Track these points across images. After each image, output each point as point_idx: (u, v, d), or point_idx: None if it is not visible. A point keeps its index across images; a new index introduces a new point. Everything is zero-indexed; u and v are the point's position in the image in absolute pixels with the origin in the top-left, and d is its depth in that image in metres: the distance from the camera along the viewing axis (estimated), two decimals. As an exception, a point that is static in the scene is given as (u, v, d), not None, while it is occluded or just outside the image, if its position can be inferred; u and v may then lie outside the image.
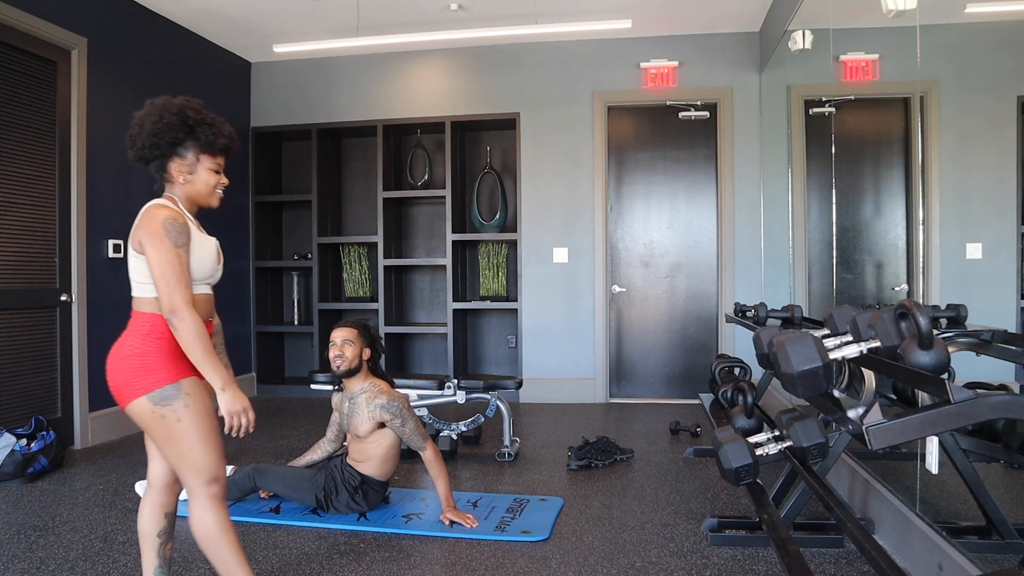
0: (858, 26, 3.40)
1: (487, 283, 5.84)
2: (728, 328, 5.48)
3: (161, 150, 1.95)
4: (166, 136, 1.94)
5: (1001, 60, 2.25)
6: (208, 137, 1.99)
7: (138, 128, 1.95)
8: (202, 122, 1.99)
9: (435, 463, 2.96)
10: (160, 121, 1.93)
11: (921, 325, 1.48)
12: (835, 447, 2.47)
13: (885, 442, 1.43)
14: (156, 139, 1.93)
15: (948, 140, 2.52)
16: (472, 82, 5.83)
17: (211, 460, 1.93)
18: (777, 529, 1.89)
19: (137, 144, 1.95)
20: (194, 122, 1.97)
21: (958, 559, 2.02)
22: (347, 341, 3.03)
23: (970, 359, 2.17)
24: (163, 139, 1.94)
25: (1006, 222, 2.20)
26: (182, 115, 1.95)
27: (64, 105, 4.21)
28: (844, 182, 3.54)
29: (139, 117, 1.96)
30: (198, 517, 1.93)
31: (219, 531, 1.94)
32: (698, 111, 5.55)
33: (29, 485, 3.48)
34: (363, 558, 2.59)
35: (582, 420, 4.99)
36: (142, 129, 1.94)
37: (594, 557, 2.60)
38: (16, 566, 2.52)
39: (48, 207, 4.12)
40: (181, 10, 4.99)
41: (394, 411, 2.98)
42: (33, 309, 4.02)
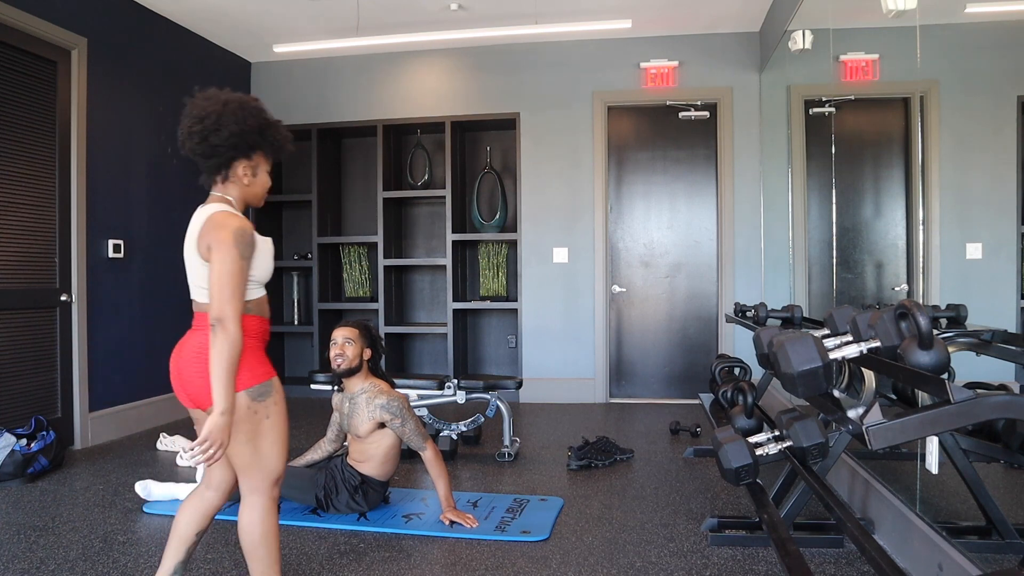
0: (858, 26, 3.40)
1: (487, 283, 5.84)
2: (728, 328, 5.48)
3: (239, 151, 1.94)
4: (248, 138, 1.93)
5: (1001, 60, 2.25)
6: (277, 143, 2.01)
7: (214, 126, 1.89)
8: (272, 126, 2.00)
9: (435, 463, 2.96)
10: (244, 123, 1.92)
11: (921, 325, 1.48)
12: (835, 447, 2.47)
13: (885, 442, 1.43)
14: (237, 139, 1.92)
15: (948, 140, 2.52)
16: (472, 82, 5.83)
17: (282, 463, 1.98)
18: (777, 529, 1.89)
19: (211, 141, 1.90)
20: (267, 125, 1.98)
21: (958, 559, 2.02)
22: (348, 340, 3.04)
23: (970, 359, 2.17)
24: (245, 140, 1.93)
25: (1006, 222, 2.20)
26: (260, 118, 1.96)
27: (64, 105, 4.21)
28: (844, 182, 3.54)
29: (210, 113, 1.90)
30: (258, 518, 1.95)
31: (274, 535, 1.98)
32: (698, 111, 5.55)
33: (29, 485, 3.48)
34: (363, 558, 2.59)
35: (582, 420, 4.99)
36: (220, 127, 1.89)
37: (594, 557, 2.60)
38: (16, 566, 2.52)
39: (48, 207, 4.12)
40: (181, 10, 4.99)
41: (394, 411, 2.97)
42: (33, 309, 4.02)
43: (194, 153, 1.93)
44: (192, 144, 1.91)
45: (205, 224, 1.88)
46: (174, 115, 5.18)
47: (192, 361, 1.91)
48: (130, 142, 4.74)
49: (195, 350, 1.91)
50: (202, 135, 1.89)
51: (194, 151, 1.93)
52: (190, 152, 1.94)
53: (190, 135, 1.91)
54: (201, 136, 1.89)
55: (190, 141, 1.91)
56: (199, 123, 1.90)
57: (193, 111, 1.92)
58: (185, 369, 1.93)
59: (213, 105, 1.91)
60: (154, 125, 4.95)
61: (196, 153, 1.93)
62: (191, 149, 1.93)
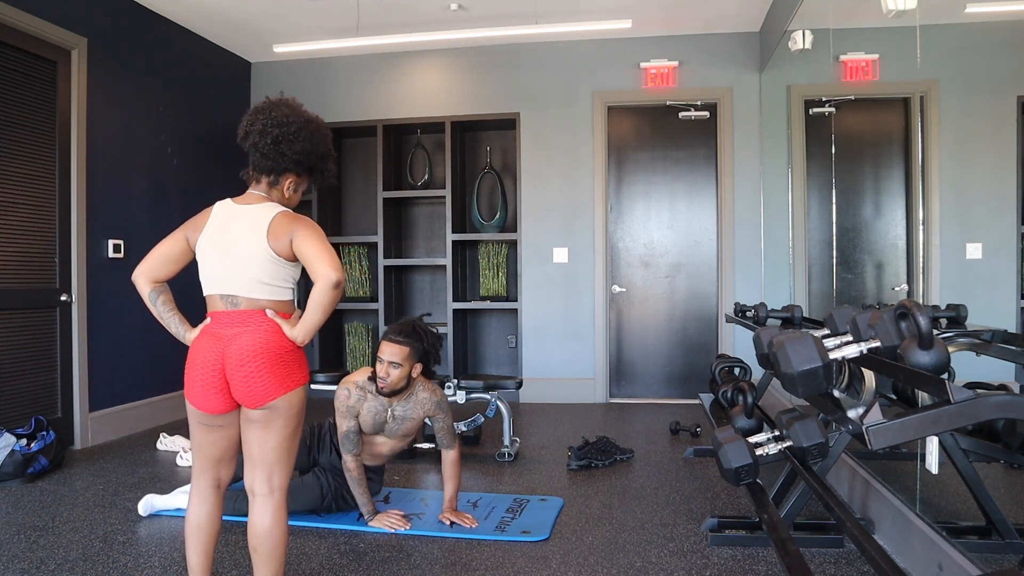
0: (858, 26, 3.40)
1: (487, 283, 5.84)
2: (728, 328, 5.48)
3: (299, 167, 2.02)
4: (311, 159, 2.03)
5: (1001, 60, 2.25)
6: (326, 174, 2.11)
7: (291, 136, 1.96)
8: (332, 158, 2.11)
9: (456, 465, 2.99)
10: (315, 145, 2.02)
11: (921, 325, 1.48)
12: (835, 447, 2.47)
13: (885, 442, 1.43)
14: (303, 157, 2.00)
15: (948, 140, 2.52)
16: (472, 82, 5.83)
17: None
18: (777, 529, 1.89)
19: (281, 148, 1.96)
20: (329, 155, 2.09)
21: (958, 559, 2.02)
22: (393, 364, 2.79)
23: (970, 359, 2.17)
24: (308, 159, 2.02)
25: (1006, 222, 2.20)
26: (328, 146, 2.08)
27: (64, 105, 4.21)
28: (844, 182, 3.54)
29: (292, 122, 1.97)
30: (281, 518, 1.98)
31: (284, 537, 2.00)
32: (698, 111, 5.55)
33: (29, 485, 3.48)
34: (363, 558, 2.59)
35: (582, 420, 4.99)
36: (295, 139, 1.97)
37: (594, 557, 2.60)
38: (16, 566, 2.52)
39: (48, 207, 4.12)
40: (181, 10, 4.99)
41: (444, 408, 2.98)
42: (33, 309, 4.02)
43: (256, 149, 1.97)
44: (261, 142, 1.95)
45: (278, 221, 1.93)
46: (174, 115, 5.23)
47: (247, 360, 1.89)
48: (130, 142, 4.74)
49: (252, 350, 1.89)
50: (276, 139, 1.95)
51: (257, 147, 1.96)
52: (252, 146, 1.97)
53: (264, 133, 1.94)
54: (275, 139, 1.95)
55: (261, 138, 1.95)
56: (278, 127, 1.95)
57: (274, 113, 1.96)
58: (238, 371, 1.90)
59: (296, 117, 1.98)
60: (154, 125, 4.95)
61: (259, 151, 1.97)
62: (256, 145, 1.96)
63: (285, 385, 1.92)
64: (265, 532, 1.95)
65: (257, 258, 1.93)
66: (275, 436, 1.95)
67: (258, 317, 1.93)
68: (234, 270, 1.94)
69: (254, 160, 2.00)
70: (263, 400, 1.91)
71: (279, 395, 1.91)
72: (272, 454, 1.96)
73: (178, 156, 5.20)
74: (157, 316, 2.08)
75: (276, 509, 1.97)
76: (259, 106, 2.01)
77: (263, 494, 1.97)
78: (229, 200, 2.06)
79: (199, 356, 1.94)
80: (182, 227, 2.06)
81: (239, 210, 1.99)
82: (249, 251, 1.93)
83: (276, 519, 1.96)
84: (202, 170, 5.46)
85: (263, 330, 1.91)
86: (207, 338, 1.95)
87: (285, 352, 1.93)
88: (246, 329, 1.91)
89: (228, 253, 1.95)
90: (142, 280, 2.04)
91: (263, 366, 1.89)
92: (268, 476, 1.97)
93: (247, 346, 1.90)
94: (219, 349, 1.92)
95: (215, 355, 1.92)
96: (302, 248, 1.90)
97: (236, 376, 1.90)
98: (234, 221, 1.98)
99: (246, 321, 1.92)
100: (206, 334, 1.96)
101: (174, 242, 2.04)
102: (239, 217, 1.98)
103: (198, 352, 1.95)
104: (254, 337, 1.90)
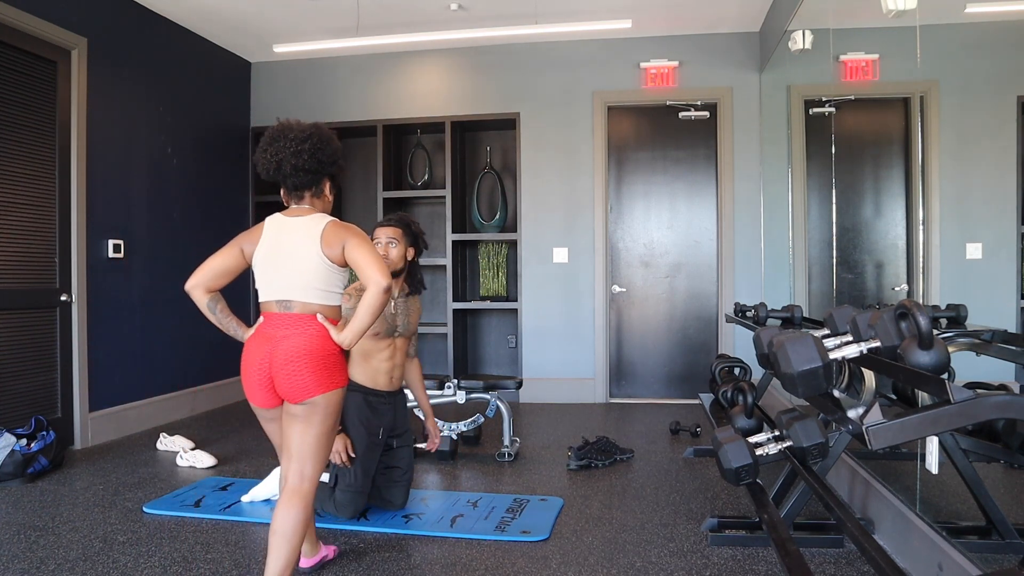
0: (858, 26, 3.40)
1: (487, 283, 5.84)
2: (728, 328, 5.48)
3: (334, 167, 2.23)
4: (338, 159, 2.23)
5: (1001, 60, 2.25)
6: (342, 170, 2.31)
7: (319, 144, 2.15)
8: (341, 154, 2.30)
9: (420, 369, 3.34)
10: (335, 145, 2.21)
11: (921, 325, 1.48)
12: (835, 447, 2.47)
13: (885, 442, 1.43)
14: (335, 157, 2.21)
15: (948, 140, 2.52)
16: (472, 82, 5.83)
17: None
18: (777, 529, 1.89)
19: (318, 157, 2.15)
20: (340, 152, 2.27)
21: (958, 559, 2.02)
22: (392, 241, 2.97)
23: (970, 359, 2.17)
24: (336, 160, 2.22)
25: (1006, 222, 2.20)
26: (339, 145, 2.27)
27: (64, 105, 4.21)
28: (844, 182, 3.54)
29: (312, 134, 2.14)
30: (307, 509, 2.11)
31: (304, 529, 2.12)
32: (698, 111, 5.55)
33: (29, 485, 3.48)
34: (363, 558, 2.59)
35: (582, 420, 4.99)
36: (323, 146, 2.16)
37: (594, 557, 2.60)
38: (16, 566, 2.52)
39: (48, 207, 4.12)
40: (181, 10, 4.99)
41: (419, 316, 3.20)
42: (33, 309, 4.02)
43: (298, 169, 2.13)
44: (301, 159, 2.12)
45: (330, 230, 2.11)
46: (174, 115, 5.23)
47: (292, 360, 2.05)
48: (130, 142, 4.74)
49: (298, 351, 2.05)
50: (312, 151, 2.13)
51: (299, 166, 2.13)
52: (292, 168, 2.13)
53: (298, 152, 2.11)
54: (311, 152, 2.13)
55: (299, 157, 2.12)
56: (306, 141, 2.13)
57: (290, 134, 2.13)
58: (282, 370, 2.05)
59: (310, 128, 2.16)
60: (154, 125, 4.95)
61: (300, 168, 2.13)
62: (297, 165, 2.12)
63: (325, 385, 2.08)
64: (287, 519, 2.06)
65: (312, 265, 2.10)
66: (313, 431, 2.11)
67: (307, 321, 2.09)
68: (289, 277, 2.11)
69: (295, 180, 2.17)
70: (303, 396, 2.06)
71: (319, 393, 2.07)
72: (308, 448, 2.11)
73: (178, 156, 5.19)
74: (216, 322, 2.23)
75: (303, 498, 2.10)
76: (272, 135, 2.16)
77: (294, 484, 2.11)
78: (279, 214, 2.22)
79: (250, 355, 2.12)
80: (236, 240, 2.22)
81: (291, 222, 2.16)
82: (304, 259, 2.10)
83: (300, 508, 2.09)
84: (202, 170, 5.46)
85: (309, 334, 2.08)
86: (259, 338, 2.12)
87: (328, 355, 2.09)
88: (295, 332, 2.08)
89: (284, 262, 2.12)
90: (199, 291, 2.18)
91: (306, 366, 2.05)
92: (301, 468, 2.12)
93: (293, 348, 2.06)
94: (268, 349, 2.08)
95: (264, 354, 2.08)
96: (354, 255, 2.08)
97: (280, 374, 2.06)
98: (287, 232, 2.15)
99: (296, 324, 2.09)
100: (258, 334, 2.13)
101: (229, 255, 2.20)
102: (292, 228, 2.15)
103: (250, 351, 2.13)
104: (301, 340, 2.07)
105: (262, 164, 2.16)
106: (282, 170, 2.14)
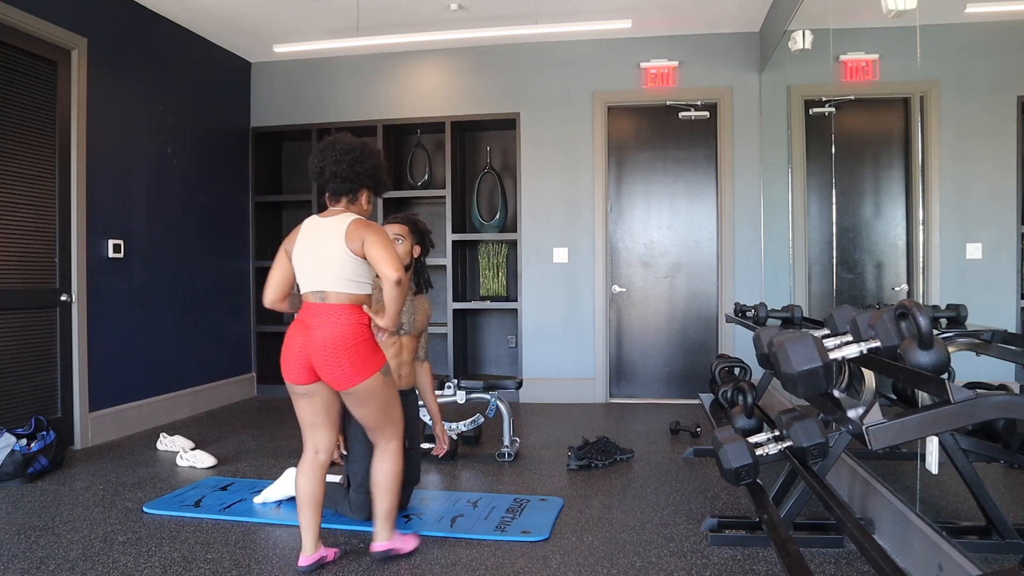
0: (858, 26, 3.40)
1: (487, 283, 5.84)
2: (728, 328, 5.47)
3: (372, 180, 2.52)
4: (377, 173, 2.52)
5: (1001, 60, 2.25)
6: (383, 186, 2.59)
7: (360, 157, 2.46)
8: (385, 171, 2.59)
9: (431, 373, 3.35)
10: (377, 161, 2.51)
11: (921, 325, 1.48)
12: (835, 447, 2.46)
13: (885, 442, 1.43)
14: (373, 171, 2.50)
15: (948, 140, 2.52)
16: (472, 82, 5.83)
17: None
18: (777, 529, 1.89)
19: (356, 168, 2.45)
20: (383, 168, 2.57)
21: (958, 559, 2.02)
22: (398, 237, 3.01)
23: (970, 359, 2.17)
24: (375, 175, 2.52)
25: (1006, 222, 2.20)
26: (382, 162, 2.56)
27: (64, 105, 4.21)
28: (844, 182, 3.53)
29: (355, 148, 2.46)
30: (395, 460, 2.52)
31: (400, 477, 2.55)
32: (698, 111, 5.55)
33: (29, 485, 3.48)
34: (363, 558, 2.59)
35: (582, 420, 4.99)
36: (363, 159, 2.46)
37: (594, 557, 2.60)
38: (16, 566, 2.52)
39: (48, 207, 4.12)
40: (181, 10, 4.99)
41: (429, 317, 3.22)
42: (33, 309, 4.02)
43: (336, 176, 2.44)
44: (341, 168, 2.43)
45: (353, 227, 2.37)
46: (174, 115, 5.23)
47: (335, 347, 2.32)
48: (130, 142, 4.74)
49: (334, 338, 2.32)
50: (351, 163, 2.44)
51: (337, 174, 2.43)
52: (332, 175, 2.43)
53: (339, 161, 2.43)
54: (350, 163, 2.44)
55: (338, 167, 2.43)
56: (348, 153, 2.44)
57: (338, 145, 2.46)
58: (321, 359, 2.33)
59: (356, 144, 2.48)
60: (154, 125, 4.96)
61: (338, 176, 2.44)
62: (335, 173, 2.43)
63: (362, 373, 2.35)
64: (381, 473, 2.51)
65: (339, 258, 2.36)
66: (371, 410, 2.44)
67: (340, 311, 2.36)
68: (322, 270, 2.38)
69: (334, 187, 2.47)
70: (346, 385, 2.36)
71: (358, 382, 2.36)
72: (375, 421, 2.47)
73: (178, 156, 5.20)
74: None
75: (392, 455, 2.52)
76: (323, 145, 2.48)
77: (382, 445, 2.53)
78: (315, 216, 2.50)
79: (292, 340, 2.41)
80: (281, 247, 2.52)
81: (323, 222, 2.44)
82: (333, 253, 2.37)
83: (392, 461, 2.52)
84: (202, 170, 5.46)
85: (341, 323, 2.35)
86: (298, 325, 2.40)
87: (360, 342, 2.36)
88: (328, 321, 2.35)
89: (317, 257, 2.39)
90: (276, 305, 2.52)
91: (341, 355, 2.32)
92: (382, 433, 2.51)
93: (327, 336, 2.33)
94: (306, 336, 2.36)
95: (303, 340, 2.37)
96: (370, 251, 2.33)
97: (320, 363, 2.34)
98: (319, 230, 2.42)
99: (330, 313, 2.36)
100: (298, 321, 2.42)
101: (281, 263, 2.50)
102: (323, 227, 2.42)
103: (291, 337, 2.41)
104: (333, 329, 2.34)
105: (311, 168, 2.48)
106: (324, 175, 2.45)
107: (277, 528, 2.91)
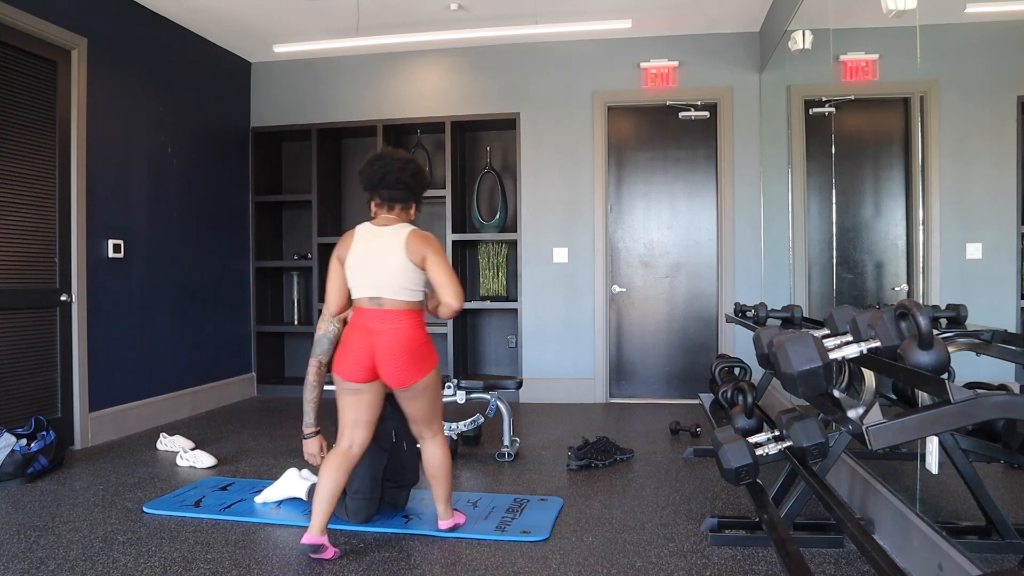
0: (858, 26, 3.40)
1: (487, 283, 5.84)
2: (728, 328, 5.47)
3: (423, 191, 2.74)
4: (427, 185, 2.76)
5: (1001, 60, 2.25)
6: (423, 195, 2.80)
7: (418, 169, 2.67)
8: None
9: None
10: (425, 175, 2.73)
11: (921, 325, 1.48)
12: (835, 447, 2.46)
13: (885, 442, 1.43)
14: (426, 184, 2.74)
15: (948, 140, 2.52)
16: (472, 82, 5.83)
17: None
18: (777, 529, 1.89)
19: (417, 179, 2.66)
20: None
21: (958, 559, 2.02)
22: None
23: (970, 359, 2.17)
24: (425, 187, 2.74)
25: (1006, 222, 2.20)
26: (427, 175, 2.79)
27: (64, 105, 4.21)
28: (844, 182, 3.53)
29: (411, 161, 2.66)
30: (444, 449, 2.76)
31: (450, 461, 2.78)
32: (698, 111, 5.55)
33: (29, 485, 3.48)
34: (363, 558, 2.59)
35: (582, 420, 4.99)
36: (421, 172, 2.69)
37: (594, 557, 2.60)
38: (16, 566, 2.52)
39: (48, 207, 4.12)
40: (181, 10, 4.99)
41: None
42: (33, 309, 4.02)
43: (400, 183, 2.60)
44: (405, 175, 2.61)
45: (412, 239, 2.55)
46: (174, 115, 5.23)
47: (402, 351, 2.51)
48: (130, 142, 4.74)
49: (401, 342, 2.51)
50: (413, 172, 2.64)
51: (402, 179, 2.61)
52: (396, 180, 2.59)
53: (403, 168, 2.61)
54: (413, 172, 2.64)
55: (402, 172, 2.60)
56: (411, 164, 2.65)
57: (396, 154, 2.65)
58: (386, 362, 2.50)
59: (410, 159, 2.68)
60: (154, 125, 4.96)
61: (402, 183, 2.61)
62: (401, 178, 2.60)
63: (422, 371, 2.56)
64: (436, 461, 2.74)
65: (399, 267, 2.52)
66: (423, 404, 2.64)
67: (399, 317, 2.53)
68: (379, 277, 2.53)
69: (394, 194, 2.62)
70: (407, 383, 2.55)
71: (418, 379, 2.56)
72: (425, 416, 2.68)
73: (178, 156, 5.20)
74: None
75: (440, 445, 2.75)
76: (378, 155, 2.65)
77: (429, 438, 2.74)
78: (368, 223, 2.65)
79: (354, 342, 2.54)
80: (333, 255, 2.64)
81: (380, 231, 2.59)
82: (393, 262, 2.52)
83: (442, 451, 2.75)
84: (202, 170, 5.46)
85: (403, 327, 2.53)
86: (359, 329, 2.54)
87: (420, 345, 2.56)
88: (391, 326, 2.52)
89: (375, 265, 2.53)
90: (344, 311, 2.70)
91: (407, 356, 2.51)
92: (429, 426, 2.72)
93: (393, 341, 2.51)
94: (371, 340, 2.51)
95: (368, 343, 2.52)
96: (434, 273, 2.53)
97: (384, 366, 2.51)
98: (377, 239, 2.57)
99: (391, 319, 2.53)
100: (358, 325, 2.55)
101: (336, 272, 2.63)
102: (381, 236, 2.57)
103: (353, 339, 2.55)
104: (397, 334, 2.51)
105: (367, 176, 2.61)
106: (386, 180, 2.59)
107: (277, 528, 2.91)
